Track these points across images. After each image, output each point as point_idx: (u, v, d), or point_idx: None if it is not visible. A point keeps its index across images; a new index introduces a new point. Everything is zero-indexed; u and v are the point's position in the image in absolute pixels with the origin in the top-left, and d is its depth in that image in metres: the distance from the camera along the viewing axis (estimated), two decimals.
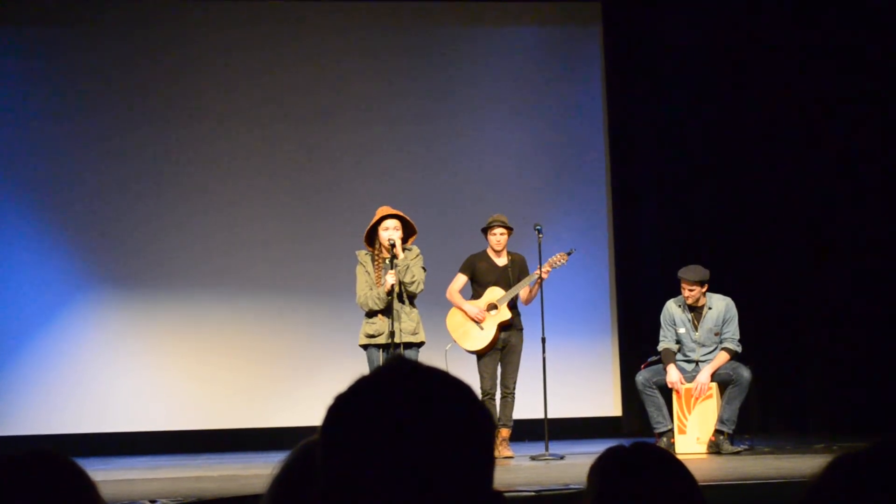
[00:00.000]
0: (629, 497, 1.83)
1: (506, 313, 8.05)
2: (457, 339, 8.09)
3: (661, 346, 8.17)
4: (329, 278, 9.73)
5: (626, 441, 1.94)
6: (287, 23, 10.24)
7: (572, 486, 5.36)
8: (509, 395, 8.07)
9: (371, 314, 7.50)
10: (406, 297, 7.46)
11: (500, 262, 8.18)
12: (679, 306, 8.15)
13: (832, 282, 9.67)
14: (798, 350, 9.82)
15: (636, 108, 10.31)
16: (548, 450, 7.80)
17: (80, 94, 10.01)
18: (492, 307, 8.06)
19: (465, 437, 1.22)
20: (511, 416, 8.05)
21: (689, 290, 8.02)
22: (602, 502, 1.84)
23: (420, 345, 7.52)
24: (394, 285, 7.38)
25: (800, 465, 6.53)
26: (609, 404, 10.16)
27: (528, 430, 8.65)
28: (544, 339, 7.91)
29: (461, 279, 8.21)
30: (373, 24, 10.29)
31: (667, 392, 8.07)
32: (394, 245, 7.38)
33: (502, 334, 8.07)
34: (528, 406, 8.42)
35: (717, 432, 7.87)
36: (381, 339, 7.43)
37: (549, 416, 7.98)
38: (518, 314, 8.20)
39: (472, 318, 8.04)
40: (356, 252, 7.66)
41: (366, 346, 7.53)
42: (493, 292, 8.08)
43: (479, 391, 7.96)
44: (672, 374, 8.02)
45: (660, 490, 1.84)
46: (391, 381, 1.24)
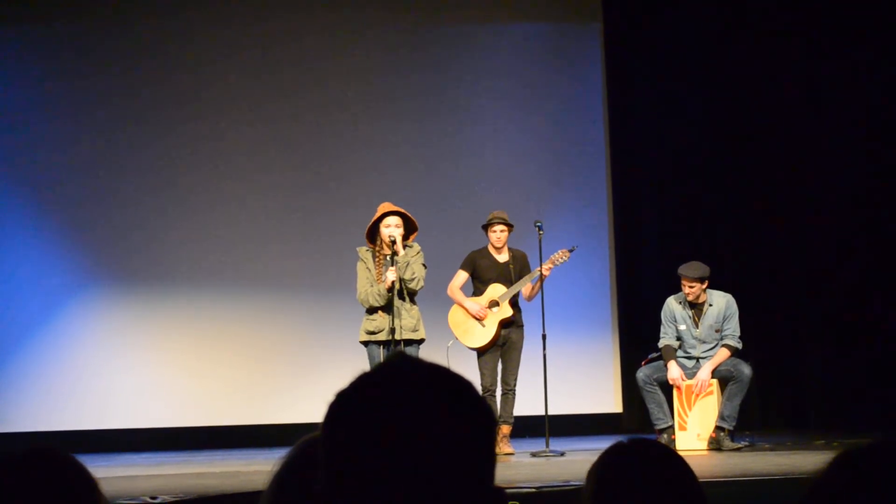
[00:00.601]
0: (630, 493, 1.83)
1: (507, 310, 8.04)
2: (459, 336, 8.09)
3: (661, 343, 8.17)
4: (330, 275, 9.72)
5: (626, 438, 1.94)
6: (287, 20, 10.23)
7: (573, 483, 5.36)
8: (510, 392, 8.08)
9: (371, 311, 7.50)
10: (406, 293, 7.46)
11: (501, 258, 8.18)
12: (680, 303, 8.15)
13: (833, 278, 9.67)
14: (798, 347, 9.83)
15: (637, 105, 10.30)
16: (548, 446, 7.81)
17: (79, 92, 10.00)
18: (493, 304, 8.06)
19: (466, 434, 1.22)
20: (512, 413, 8.05)
21: (690, 286, 8.01)
22: (603, 499, 1.84)
23: (420, 341, 7.52)
24: (394, 282, 7.38)
25: (800, 461, 6.52)
26: (610, 401, 10.16)
27: (529, 427, 8.64)
28: (545, 336, 7.91)
29: (462, 276, 8.20)
30: (372, 22, 10.28)
31: (667, 389, 8.07)
32: (395, 242, 7.38)
33: (503, 331, 8.07)
34: (528, 403, 8.43)
35: (718, 429, 7.87)
36: (381, 336, 7.43)
37: (550, 412, 7.99)
38: (519, 311, 8.20)
39: (474, 316, 8.03)
40: (357, 248, 7.66)
41: (366, 343, 7.52)
42: (495, 289, 8.08)
43: (479, 388, 7.95)
44: (673, 370, 8.02)
45: (660, 486, 1.84)
46: (392, 377, 1.24)
